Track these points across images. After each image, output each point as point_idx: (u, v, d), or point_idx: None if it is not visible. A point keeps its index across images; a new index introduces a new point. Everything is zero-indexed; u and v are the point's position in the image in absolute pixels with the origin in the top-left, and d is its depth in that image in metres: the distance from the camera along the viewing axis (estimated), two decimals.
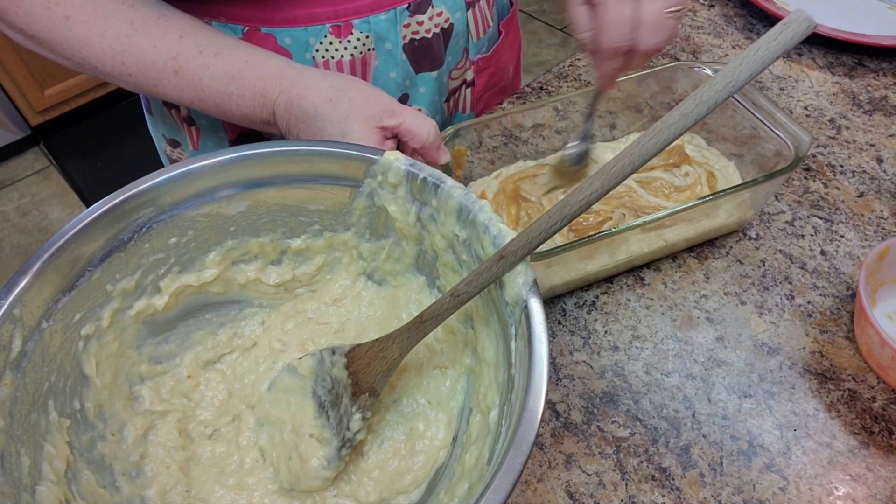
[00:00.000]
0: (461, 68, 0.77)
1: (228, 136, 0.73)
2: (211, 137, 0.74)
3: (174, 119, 0.76)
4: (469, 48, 0.77)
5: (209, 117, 0.72)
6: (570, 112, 0.72)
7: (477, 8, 0.75)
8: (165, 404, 0.52)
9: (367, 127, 0.54)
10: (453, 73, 0.76)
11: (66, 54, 0.57)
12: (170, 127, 0.77)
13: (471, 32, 0.76)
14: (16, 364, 0.41)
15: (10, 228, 2.11)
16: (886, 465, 0.53)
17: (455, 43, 0.74)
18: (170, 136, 0.79)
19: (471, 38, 0.76)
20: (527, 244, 0.42)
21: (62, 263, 0.44)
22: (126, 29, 0.56)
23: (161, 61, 0.56)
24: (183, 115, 0.74)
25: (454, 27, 0.72)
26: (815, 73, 0.88)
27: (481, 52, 0.80)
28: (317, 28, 0.65)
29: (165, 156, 0.83)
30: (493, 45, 0.81)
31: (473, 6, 0.74)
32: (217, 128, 0.73)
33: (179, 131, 0.76)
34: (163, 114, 0.77)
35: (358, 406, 0.49)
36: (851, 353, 0.60)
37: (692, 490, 0.52)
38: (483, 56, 0.80)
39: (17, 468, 0.40)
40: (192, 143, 0.76)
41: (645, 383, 0.58)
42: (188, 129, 0.75)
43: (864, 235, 0.69)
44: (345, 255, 0.58)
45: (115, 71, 0.57)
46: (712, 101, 0.38)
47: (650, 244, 0.63)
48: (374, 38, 0.67)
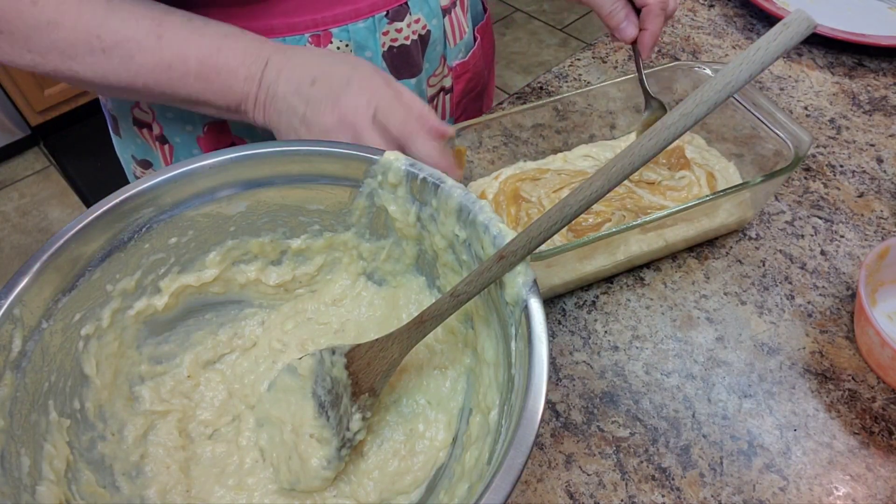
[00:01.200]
0: (438, 75, 0.77)
1: (203, 152, 0.72)
2: (185, 155, 0.73)
3: (146, 139, 0.74)
4: (446, 54, 0.77)
5: (183, 135, 0.71)
6: (570, 112, 0.72)
7: (453, 14, 0.76)
8: (166, 404, 0.52)
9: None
10: (431, 79, 0.76)
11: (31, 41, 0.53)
12: (140, 147, 0.76)
13: (448, 39, 0.76)
14: (16, 364, 0.41)
15: (10, 228, 2.11)
16: (886, 465, 0.53)
17: (432, 49, 0.74)
18: (140, 157, 0.77)
19: (448, 44, 0.77)
20: (527, 244, 0.42)
21: (62, 263, 0.44)
22: (103, 7, 0.53)
23: (144, 29, 0.54)
24: (155, 134, 0.72)
25: (431, 34, 0.73)
26: (815, 73, 0.88)
27: (458, 58, 0.80)
28: (296, 38, 0.64)
29: (135, 177, 0.81)
30: (469, 51, 0.82)
31: (449, 12, 0.75)
32: (191, 144, 0.72)
33: (151, 150, 0.75)
34: (133, 134, 0.75)
35: (358, 406, 0.49)
36: (851, 353, 0.60)
37: (692, 490, 0.52)
38: (460, 62, 0.80)
39: (17, 468, 0.40)
40: (165, 162, 0.74)
41: (645, 383, 0.58)
42: (161, 147, 0.73)
43: (864, 235, 0.69)
44: (345, 256, 0.58)
45: (86, 49, 0.53)
46: (712, 102, 0.38)
47: (650, 244, 0.63)
48: (353, 47, 0.67)
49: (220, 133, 0.71)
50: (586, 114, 0.73)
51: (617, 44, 0.94)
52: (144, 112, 0.72)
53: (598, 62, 0.91)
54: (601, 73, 0.90)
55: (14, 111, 2.20)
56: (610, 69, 0.90)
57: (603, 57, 0.92)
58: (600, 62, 0.91)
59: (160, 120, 0.71)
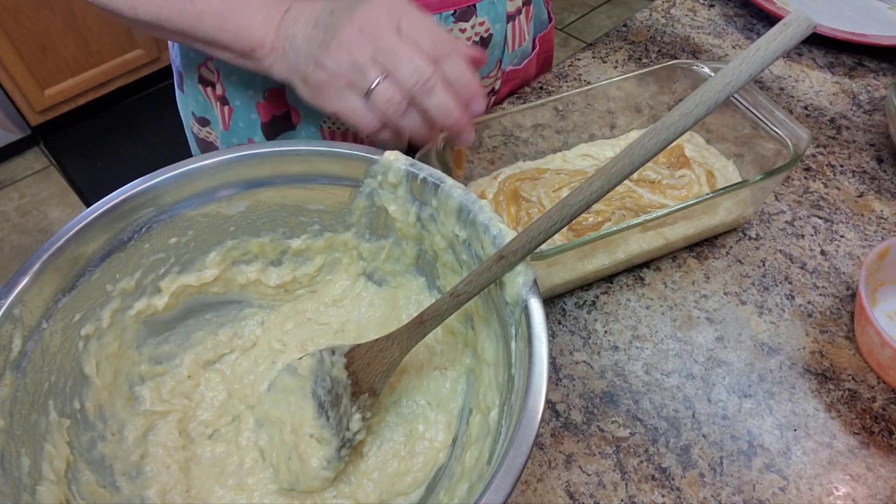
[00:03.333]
0: (492, 77, 0.78)
1: (262, 119, 0.73)
2: (243, 118, 0.74)
3: (207, 97, 0.76)
4: (503, 59, 0.78)
5: (243, 97, 0.72)
6: (570, 112, 0.72)
7: (517, 21, 0.76)
8: (166, 404, 0.52)
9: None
10: (484, 81, 0.77)
11: None
12: (201, 105, 0.77)
13: (507, 44, 0.77)
14: (16, 364, 0.41)
15: (10, 228, 2.11)
16: (886, 465, 0.53)
17: (491, 53, 0.75)
18: (199, 115, 0.78)
19: (507, 49, 0.77)
20: (527, 244, 0.42)
21: (62, 263, 0.44)
22: None
23: None
24: (218, 94, 0.74)
25: (493, 37, 0.73)
26: (815, 73, 0.88)
27: (513, 64, 0.81)
28: None
29: (192, 133, 0.83)
30: (525, 59, 0.82)
31: (514, 19, 0.75)
32: (251, 109, 0.73)
33: (212, 110, 0.76)
34: (196, 91, 0.76)
35: (358, 406, 0.49)
36: (851, 352, 0.60)
37: (692, 490, 0.52)
38: (514, 68, 0.81)
39: (17, 468, 0.40)
40: (224, 123, 0.76)
41: (645, 383, 0.58)
42: (221, 108, 0.75)
43: (864, 235, 0.69)
44: (345, 256, 0.58)
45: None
46: (712, 102, 0.38)
47: (650, 243, 0.63)
48: None
49: (278, 99, 0.72)
50: (586, 113, 0.73)
51: (617, 44, 0.94)
52: (210, 71, 0.73)
53: (598, 62, 0.91)
54: (601, 72, 0.90)
55: (14, 111, 2.20)
56: (610, 69, 0.90)
57: (603, 57, 0.92)
58: (600, 62, 0.91)
59: (224, 81, 0.72)
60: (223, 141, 0.78)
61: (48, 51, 2.10)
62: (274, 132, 0.74)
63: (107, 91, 2.36)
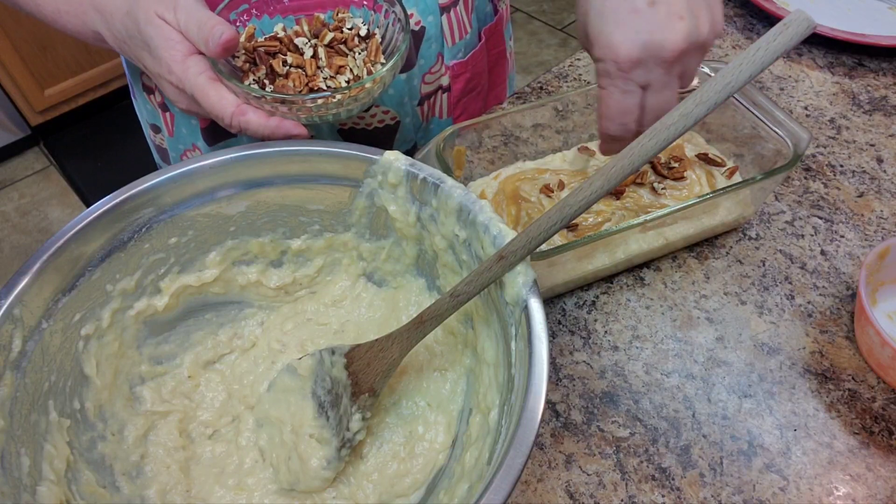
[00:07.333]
0: (435, 73, 0.77)
1: (200, 124, 0.73)
2: (184, 124, 0.74)
3: (153, 104, 0.75)
4: (444, 53, 0.77)
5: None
6: (570, 112, 0.72)
7: (453, 13, 0.75)
8: (167, 405, 0.52)
9: (150, 14, 0.50)
10: (426, 76, 0.76)
11: None
12: (151, 112, 0.77)
13: (445, 37, 0.76)
14: (16, 364, 0.41)
15: (10, 228, 2.11)
16: (886, 465, 0.53)
17: (427, 46, 0.73)
18: (151, 122, 0.79)
19: (445, 42, 0.76)
20: (527, 244, 0.42)
21: (62, 263, 0.44)
22: None
23: None
24: (159, 101, 0.74)
25: (426, 30, 0.72)
26: (815, 73, 0.88)
27: (457, 58, 0.79)
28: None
29: (151, 141, 0.83)
30: (470, 51, 0.81)
31: (448, 11, 0.74)
32: (190, 116, 0.72)
33: (158, 117, 0.76)
34: (144, 98, 0.76)
35: (358, 406, 0.49)
36: (851, 353, 0.60)
37: (692, 490, 0.52)
38: (459, 61, 0.79)
39: (17, 468, 0.40)
40: (168, 129, 0.76)
41: (645, 383, 0.58)
42: (164, 114, 0.75)
43: (864, 235, 0.69)
44: (345, 256, 0.58)
45: None
46: (712, 102, 0.38)
47: (650, 243, 0.63)
48: None
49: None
50: (586, 113, 0.73)
51: None
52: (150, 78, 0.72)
53: None
54: None
55: (14, 111, 2.20)
56: None
57: None
58: None
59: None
60: (171, 147, 0.77)
61: (48, 51, 2.10)
62: (214, 138, 0.73)
63: (107, 91, 2.36)
